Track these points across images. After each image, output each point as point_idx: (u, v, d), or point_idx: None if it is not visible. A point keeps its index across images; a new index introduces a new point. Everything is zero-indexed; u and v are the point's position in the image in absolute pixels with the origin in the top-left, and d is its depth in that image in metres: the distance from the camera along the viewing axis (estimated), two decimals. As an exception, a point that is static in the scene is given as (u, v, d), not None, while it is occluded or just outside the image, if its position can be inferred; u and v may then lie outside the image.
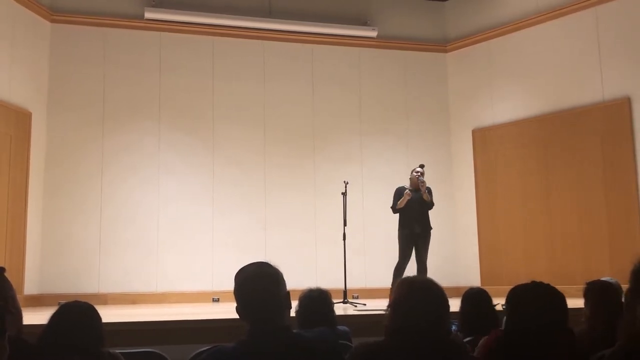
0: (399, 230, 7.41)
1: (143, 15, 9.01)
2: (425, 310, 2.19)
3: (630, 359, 1.99)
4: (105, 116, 8.84)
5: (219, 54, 9.38)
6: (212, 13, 9.26)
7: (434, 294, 2.26)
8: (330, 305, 3.56)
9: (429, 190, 7.43)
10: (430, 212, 7.42)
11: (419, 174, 7.41)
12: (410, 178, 7.53)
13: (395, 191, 7.51)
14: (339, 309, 6.04)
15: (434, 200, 7.43)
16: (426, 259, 7.29)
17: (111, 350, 2.47)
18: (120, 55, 9.00)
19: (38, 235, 8.31)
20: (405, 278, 2.37)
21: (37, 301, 7.90)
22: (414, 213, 7.32)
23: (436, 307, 2.22)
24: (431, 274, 6.68)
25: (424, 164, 7.64)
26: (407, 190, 7.31)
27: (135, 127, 8.94)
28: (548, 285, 2.58)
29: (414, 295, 2.23)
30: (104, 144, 8.79)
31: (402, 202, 7.28)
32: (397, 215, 7.45)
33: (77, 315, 2.42)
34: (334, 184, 8.49)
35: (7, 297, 2.37)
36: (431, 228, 7.43)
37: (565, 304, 2.57)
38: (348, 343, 3.25)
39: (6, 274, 2.44)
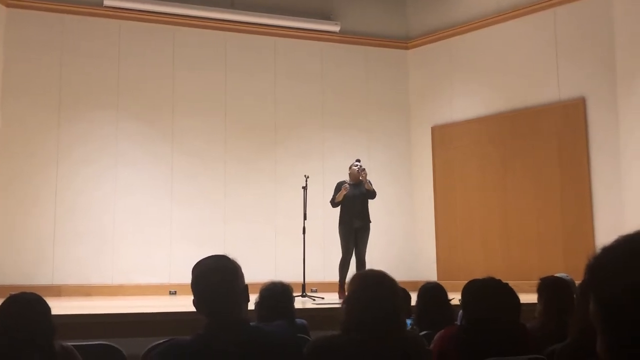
0: (339, 225, 7.37)
1: (102, 3, 8.83)
2: (380, 304, 2.22)
3: (580, 354, 2.04)
4: (61, 104, 8.65)
5: (180, 43, 9.25)
6: (173, 2, 9.13)
7: (387, 287, 2.29)
8: (292, 299, 3.57)
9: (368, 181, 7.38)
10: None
11: (359, 165, 7.37)
12: (349, 173, 7.46)
13: (336, 186, 7.46)
14: (298, 303, 6.05)
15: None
16: (365, 254, 7.25)
17: (64, 343, 2.42)
18: (78, 43, 8.80)
19: (-10, 225, 8.10)
20: (357, 273, 2.41)
21: (-12, 292, 7.69)
22: (354, 208, 7.27)
23: (390, 300, 2.25)
24: (389, 268, 6.70)
25: (360, 159, 7.58)
26: (345, 184, 7.26)
27: (92, 116, 8.76)
28: (500, 281, 2.64)
29: (368, 290, 2.26)
30: (60, 133, 8.60)
31: (339, 196, 7.22)
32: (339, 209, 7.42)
33: (23, 306, 2.36)
34: (294, 177, 8.46)
35: None
36: (370, 221, 7.39)
37: (518, 300, 2.63)
38: (305, 336, 3.26)
39: None
